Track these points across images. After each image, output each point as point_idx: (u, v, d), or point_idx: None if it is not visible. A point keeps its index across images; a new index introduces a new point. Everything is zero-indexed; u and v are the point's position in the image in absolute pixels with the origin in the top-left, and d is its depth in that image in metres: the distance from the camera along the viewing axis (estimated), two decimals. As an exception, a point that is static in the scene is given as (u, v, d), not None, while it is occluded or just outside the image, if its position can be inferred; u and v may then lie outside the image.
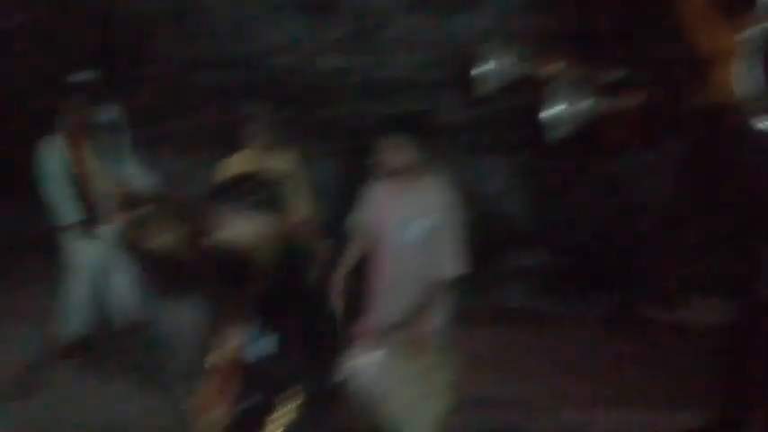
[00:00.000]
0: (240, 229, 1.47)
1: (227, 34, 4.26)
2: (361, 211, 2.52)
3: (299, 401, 1.40)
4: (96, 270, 3.15)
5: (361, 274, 2.41)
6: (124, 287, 3.20)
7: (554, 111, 2.30)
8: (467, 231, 2.47)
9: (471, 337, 3.10)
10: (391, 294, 2.32)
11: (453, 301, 2.36)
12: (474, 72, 3.01)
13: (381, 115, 3.47)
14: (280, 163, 3.11)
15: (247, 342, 1.47)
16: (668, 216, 2.88)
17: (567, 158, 3.57)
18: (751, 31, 1.88)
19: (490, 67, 3.02)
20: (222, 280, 1.57)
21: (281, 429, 1.40)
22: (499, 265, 3.94)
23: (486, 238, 3.89)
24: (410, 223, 2.31)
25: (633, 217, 3.10)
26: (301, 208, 3.06)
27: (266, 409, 1.41)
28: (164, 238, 3.02)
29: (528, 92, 3.25)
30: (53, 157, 3.08)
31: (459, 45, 3.80)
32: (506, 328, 3.49)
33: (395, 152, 2.35)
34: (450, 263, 2.32)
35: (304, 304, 1.45)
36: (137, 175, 3.28)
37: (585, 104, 2.23)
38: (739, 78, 1.89)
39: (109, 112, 3.32)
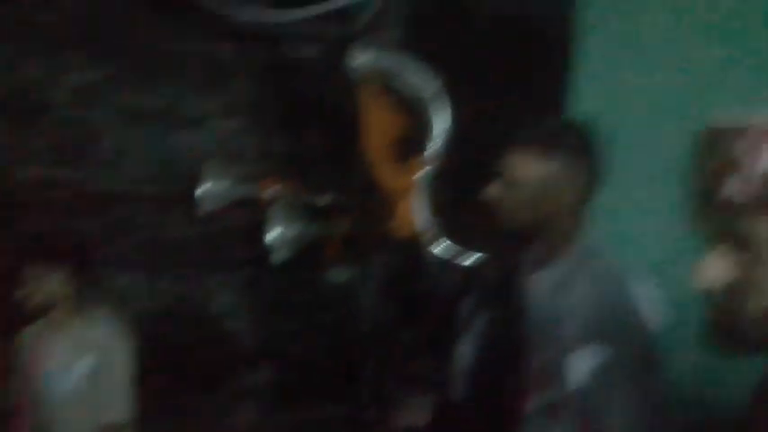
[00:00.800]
0: None
1: None
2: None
3: None
4: None
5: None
6: None
7: (274, 234, 2.42)
8: (195, 353, 2.35)
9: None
10: None
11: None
12: (197, 190, 3.03)
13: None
14: None
15: None
16: (380, 325, 3.17)
17: (290, 275, 3.73)
18: (421, 173, 2.24)
19: (212, 186, 3.06)
20: None
21: None
22: (228, 385, 3.84)
23: (213, 359, 3.81)
24: (66, 369, 2.02)
25: (353, 327, 3.33)
26: None
27: None
28: None
29: (250, 211, 3.37)
30: None
31: (182, 161, 3.81)
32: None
33: (39, 283, 2.04)
34: (118, 406, 2.07)
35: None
36: None
37: (301, 228, 2.39)
38: (416, 212, 2.23)
39: None
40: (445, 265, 2.59)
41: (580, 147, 1.34)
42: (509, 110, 2.99)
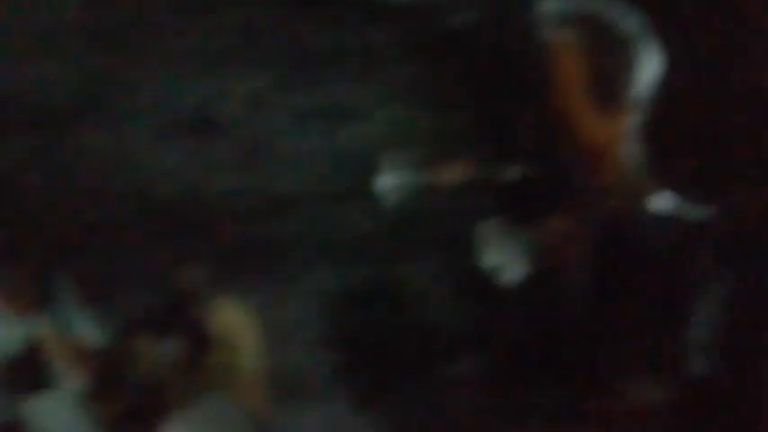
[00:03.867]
0: None
1: (108, 165, 4.14)
2: None
3: None
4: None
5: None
6: None
7: (495, 259, 2.21)
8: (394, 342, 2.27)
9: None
10: None
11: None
12: (377, 183, 2.96)
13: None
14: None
15: None
16: (592, 303, 2.93)
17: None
18: (629, 119, 1.96)
19: (392, 178, 2.97)
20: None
21: None
22: (436, 375, 3.80)
23: (414, 348, 3.79)
24: None
25: (560, 308, 3.14)
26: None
27: None
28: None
29: (433, 197, 3.26)
30: None
31: (354, 154, 3.81)
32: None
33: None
34: None
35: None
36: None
37: (522, 242, 2.16)
38: (625, 164, 1.96)
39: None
40: (668, 221, 2.30)
41: None
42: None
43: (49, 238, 3.86)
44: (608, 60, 2.15)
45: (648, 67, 1.99)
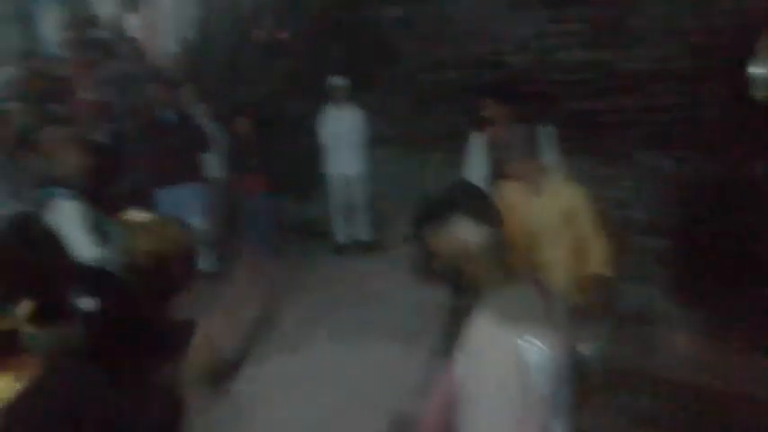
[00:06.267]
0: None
1: (469, 35, 4.36)
2: None
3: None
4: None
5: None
6: None
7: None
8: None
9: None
10: None
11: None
12: (749, 67, 2.72)
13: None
14: (564, 196, 2.41)
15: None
16: None
17: None
18: None
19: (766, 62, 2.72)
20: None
21: None
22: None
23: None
24: None
25: None
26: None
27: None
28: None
29: None
30: (478, 150, 3.19)
31: (719, 31, 3.44)
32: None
33: None
34: None
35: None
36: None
37: None
38: None
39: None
40: None
41: None
42: None
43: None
44: None
45: None
